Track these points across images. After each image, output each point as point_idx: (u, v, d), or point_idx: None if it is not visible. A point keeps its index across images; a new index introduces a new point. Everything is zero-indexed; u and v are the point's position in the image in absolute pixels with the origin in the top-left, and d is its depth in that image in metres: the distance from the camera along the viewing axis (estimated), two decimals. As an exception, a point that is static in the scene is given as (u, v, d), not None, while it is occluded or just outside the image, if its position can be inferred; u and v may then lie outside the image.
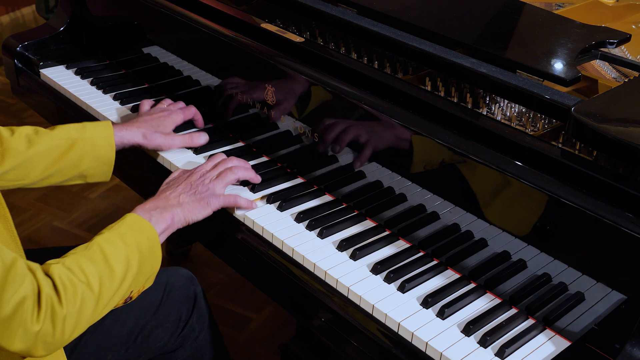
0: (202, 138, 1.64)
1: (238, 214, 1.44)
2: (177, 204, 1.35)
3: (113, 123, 1.56)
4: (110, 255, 1.18)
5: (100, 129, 1.52)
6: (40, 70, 2.00)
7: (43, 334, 1.08)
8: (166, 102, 1.73)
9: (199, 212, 1.37)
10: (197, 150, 1.64)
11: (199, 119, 1.72)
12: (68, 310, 1.10)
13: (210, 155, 1.59)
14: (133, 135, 1.57)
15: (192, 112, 1.71)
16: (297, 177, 1.56)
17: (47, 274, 1.11)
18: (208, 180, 1.42)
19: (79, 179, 1.52)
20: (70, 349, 1.35)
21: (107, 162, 1.52)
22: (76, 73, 1.99)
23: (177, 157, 1.62)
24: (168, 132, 1.63)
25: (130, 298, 1.24)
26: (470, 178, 1.26)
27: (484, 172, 1.23)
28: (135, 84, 1.95)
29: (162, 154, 1.63)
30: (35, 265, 1.11)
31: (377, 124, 1.38)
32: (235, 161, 1.49)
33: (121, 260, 1.19)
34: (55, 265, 1.12)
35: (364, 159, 1.43)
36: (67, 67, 2.02)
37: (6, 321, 1.04)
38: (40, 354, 1.11)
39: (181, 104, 1.73)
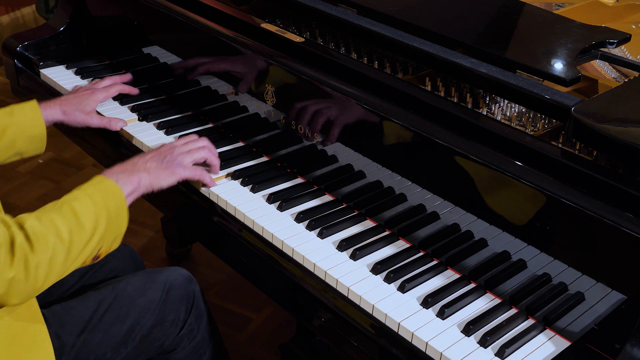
0: (119, 124, 1.72)
1: (239, 214, 1.45)
2: (144, 169, 1.41)
3: (37, 101, 1.63)
4: (79, 211, 1.23)
5: (28, 111, 1.59)
6: (40, 70, 2.00)
7: (16, 281, 1.14)
8: (97, 82, 1.81)
9: (164, 179, 1.43)
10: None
11: (131, 91, 1.81)
12: (40, 258, 1.15)
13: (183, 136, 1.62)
14: (55, 113, 1.66)
15: (117, 89, 1.79)
16: (297, 177, 1.56)
17: (19, 225, 1.17)
18: (177, 152, 1.48)
19: (15, 157, 1.60)
20: (69, 347, 1.36)
21: (39, 139, 1.61)
22: (76, 73, 1.99)
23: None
24: (89, 110, 1.70)
25: (98, 257, 1.30)
26: (470, 178, 1.26)
27: (484, 172, 1.23)
28: (135, 84, 1.95)
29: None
30: (7, 217, 1.17)
31: (376, 124, 1.38)
32: (206, 142, 1.54)
33: (90, 217, 1.24)
34: (27, 217, 1.19)
35: (363, 159, 1.43)
36: (67, 67, 2.02)
37: None
38: (13, 302, 1.17)
39: (106, 82, 1.80)
